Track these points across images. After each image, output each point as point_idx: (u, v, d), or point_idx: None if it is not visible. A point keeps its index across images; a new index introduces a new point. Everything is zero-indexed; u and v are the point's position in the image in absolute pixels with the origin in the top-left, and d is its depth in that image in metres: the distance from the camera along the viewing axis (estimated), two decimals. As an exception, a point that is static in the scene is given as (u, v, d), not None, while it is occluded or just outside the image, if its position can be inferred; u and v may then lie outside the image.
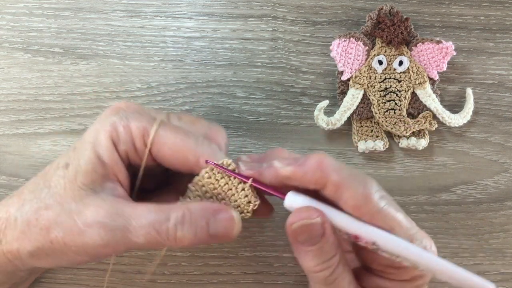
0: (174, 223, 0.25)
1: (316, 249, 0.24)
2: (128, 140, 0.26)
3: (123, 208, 0.25)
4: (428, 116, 0.36)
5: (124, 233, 0.24)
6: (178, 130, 0.27)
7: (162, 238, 0.25)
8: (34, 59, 0.38)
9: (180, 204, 0.26)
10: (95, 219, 0.24)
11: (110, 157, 0.26)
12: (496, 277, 0.35)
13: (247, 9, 0.38)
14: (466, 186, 0.36)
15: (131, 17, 0.38)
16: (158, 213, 0.25)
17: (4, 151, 0.37)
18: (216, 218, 0.25)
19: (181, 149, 0.26)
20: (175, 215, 0.25)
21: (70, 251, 0.25)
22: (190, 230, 0.25)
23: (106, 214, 0.25)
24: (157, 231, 0.25)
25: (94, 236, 0.24)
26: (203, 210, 0.25)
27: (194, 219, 0.25)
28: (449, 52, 0.35)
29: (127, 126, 0.26)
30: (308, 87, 0.37)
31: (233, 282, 0.36)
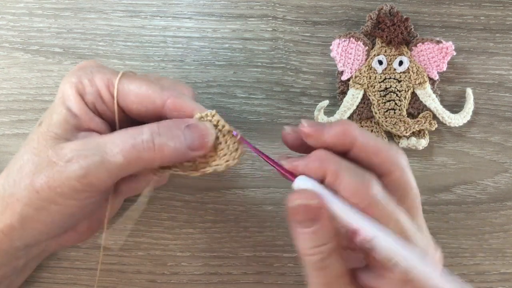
0: (149, 133, 0.26)
1: (310, 232, 0.24)
2: (94, 91, 0.27)
3: (97, 138, 0.26)
4: (428, 116, 0.36)
5: (101, 156, 0.25)
6: (142, 79, 0.28)
7: (139, 150, 0.25)
8: (34, 59, 0.38)
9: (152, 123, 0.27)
10: (72, 154, 0.25)
11: (79, 107, 0.27)
12: (496, 277, 0.35)
13: (247, 9, 0.38)
14: (466, 186, 0.36)
15: (131, 17, 0.38)
16: (132, 130, 0.26)
17: (4, 151, 0.37)
18: (190, 128, 0.27)
19: (146, 94, 0.27)
20: (149, 128, 0.26)
21: (57, 196, 0.25)
22: (166, 138, 0.26)
23: (82, 146, 0.26)
24: (133, 145, 0.25)
25: (74, 168, 0.25)
26: (175, 122, 0.27)
27: (168, 128, 0.26)
28: (449, 52, 0.35)
29: (92, 78, 0.27)
30: (308, 87, 0.37)
31: (233, 282, 0.36)
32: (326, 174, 0.24)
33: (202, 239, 0.36)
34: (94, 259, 0.36)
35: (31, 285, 0.35)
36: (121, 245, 0.36)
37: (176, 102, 0.27)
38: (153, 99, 0.27)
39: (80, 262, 0.36)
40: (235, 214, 0.36)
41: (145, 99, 0.27)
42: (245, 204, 0.36)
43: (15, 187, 0.26)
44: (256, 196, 0.36)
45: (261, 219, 0.36)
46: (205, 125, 0.27)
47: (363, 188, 0.23)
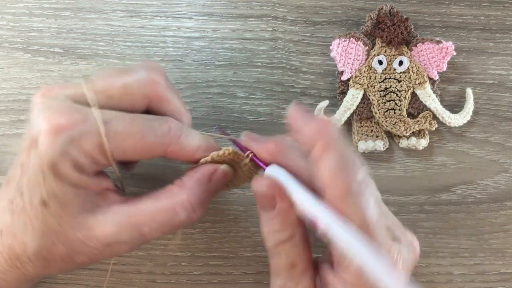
0: (185, 215, 0.26)
1: (267, 217, 0.26)
2: (90, 162, 0.24)
3: (128, 216, 0.25)
4: (428, 116, 0.36)
5: (141, 240, 0.26)
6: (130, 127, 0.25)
7: (178, 228, 0.26)
8: (34, 59, 0.38)
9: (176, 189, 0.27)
10: (110, 240, 0.25)
11: (81, 181, 0.24)
12: (496, 277, 0.35)
13: (247, 9, 0.38)
14: (466, 186, 0.36)
15: (131, 17, 0.38)
16: (164, 210, 0.26)
17: (4, 151, 0.37)
18: (213, 181, 0.27)
19: (144, 149, 0.25)
20: (181, 206, 0.26)
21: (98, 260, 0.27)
22: (200, 210, 0.27)
23: (117, 232, 0.25)
24: (171, 226, 0.26)
25: (116, 251, 0.26)
26: (200, 184, 0.27)
27: (198, 198, 0.26)
28: (449, 52, 0.35)
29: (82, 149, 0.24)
30: (308, 87, 0.37)
31: (233, 282, 0.36)
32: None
33: (202, 239, 0.36)
34: (94, 259, 0.36)
35: (31, 285, 0.35)
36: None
37: (177, 152, 0.26)
38: (152, 152, 0.26)
39: (80, 262, 0.36)
40: (235, 214, 0.36)
41: (144, 153, 0.26)
42: (245, 204, 0.36)
43: (49, 263, 0.26)
44: (256, 196, 0.36)
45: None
46: (225, 171, 0.28)
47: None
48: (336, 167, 0.23)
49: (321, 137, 0.23)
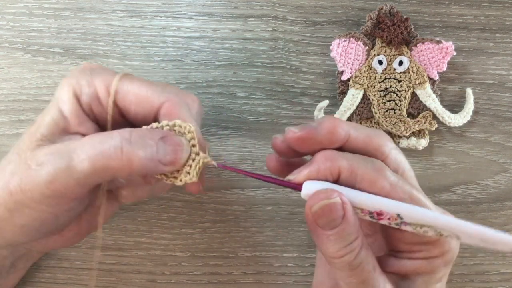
0: (119, 139, 0.24)
1: (337, 232, 0.23)
2: (91, 92, 0.26)
3: (70, 142, 0.25)
4: (428, 116, 0.36)
5: (67, 162, 0.24)
6: (144, 80, 0.27)
7: (107, 158, 0.23)
8: (34, 59, 0.38)
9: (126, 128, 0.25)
10: (44, 158, 0.24)
11: (71, 110, 0.26)
12: (496, 277, 0.35)
13: (247, 9, 0.38)
14: (466, 186, 0.36)
15: (131, 17, 0.38)
16: (103, 135, 0.24)
17: (4, 151, 0.37)
18: (165, 140, 0.25)
19: (145, 95, 0.26)
20: (120, 133, 0.24)
21: (29, 200, 0.24)
22: (137, 146, 0.24)
23: (53, 151, 0.24)
24: (101, 151, 0.24)
25: (42, 173, 0.24)
26: (151, 132, 0.25)
27: (141, 137, 0.24)
28: (449, 52, 0.35)
29: (91, 79, 0.26)
30: (308, 87, 0.37)
31: (233, 282, 0.36)
32: (340, 171, 0.24)
33: (202, 239, 0.36)
34: (94, 259, 0.36)
35: (31, 285, 0.35)
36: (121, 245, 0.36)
37: (172, 108, 0.26)
38: (151, 100, 0.26)
39: (80, 262, 0.36)
40: (235, 214, 0.36)
41: (144, 99, 0.26)
42: (245, 204, 0.36)
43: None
44: (256, 196, 0.36)
45: (261, 219, 0.36)
46: (181, 140, 0.26)
47: (379, 176, 0.23)
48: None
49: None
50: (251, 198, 0.36)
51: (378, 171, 0.23)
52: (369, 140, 0.25)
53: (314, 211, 0.23)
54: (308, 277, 0.36)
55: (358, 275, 0.23)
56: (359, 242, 0.23)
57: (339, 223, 0.23)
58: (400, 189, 0.23)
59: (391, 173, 0.24)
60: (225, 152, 0.29)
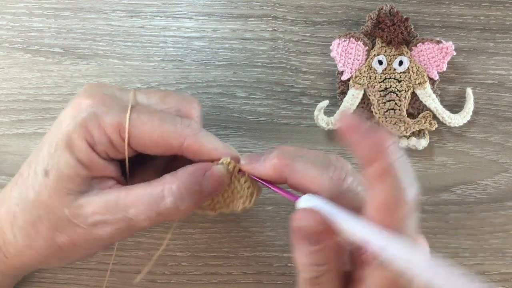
0: (173, 199, 0.25)
1: (310, 250, 0.23)
2: (105, 140, 0.26)
3: (117, 197, 0.25)
4: (428, 116, 0.36)
5: (127, 223, 0.25)
6: (152, 115, 0.26)
7: (164, 216, 0.25)
8: (34, 59, 0.38)
9: (169, 177, 0.26)
10: (95, 219, 0.25)
11: (90, 159, 0.25)
12: (496, 277, 0.35)
13: (247, 9, 0.38)
14: (466, 186, 0.36)
15: (131, 17, 0.38)
16: (153, 194, 0.25)
17: (4, 151, 0.37)
18: (206, 177, 0.26)
19: (160, 137, 0.26)
20: (170, 192, 0.25)
21: (81, 249, 0.26)
22: (188, 200, 0.25)
23: (104, 210, 0.25)
24: (157, 212, 0.25)
25: (100, 233, 0.25)
26: (192, 175, 0.26)
27: (188, 187, 0.25)
28: (449, 52, 0.35)
29: (100, 125, 0.25)
30: (308, 87, 0.37)
31: (233, 282, 0.36)
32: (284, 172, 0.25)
33: (202, 239, 0.36)
34: (94, 259, 0.36)
35: (31, 285, 0.35)
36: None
37: (193, 145, 0.26)
38: (168, 142, 0.26)
39: (80, 262, 0.36)
40: (235, 214, 0.36)
41: (160, 141, 0.26)
42: (245, 204, 0.36)
43: (31, 241, 0.26)
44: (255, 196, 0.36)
45: (261, 219, 0.36)
46: (219, 170, 0.27)
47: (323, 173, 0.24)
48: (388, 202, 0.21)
49: (380, 157, 0.21)
50: (251, 198, 0.36)
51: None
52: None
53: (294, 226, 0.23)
54: (308, 277, 0.36)
55: None
56: (326, 269, 0.23)
57: (312, 246, 0.23)
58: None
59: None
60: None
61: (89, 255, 0.28)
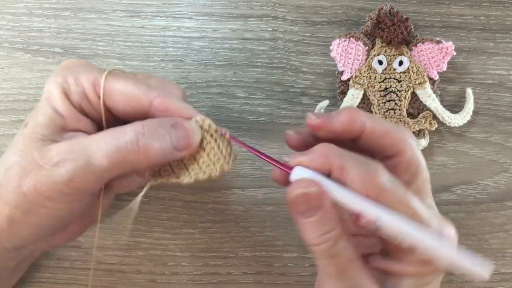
0: (134, 134, 0.25)
1: (314, 220, 0.24)
2: (79, 91, 0.27)
3: (82, 140, 0.25)
4: (428, 116, 0.36)
5: (86, 160, 0.24)
6: (129, 77, 0.27)
7: (124, 152, 0.25)
8: (34, 59, 0.38)
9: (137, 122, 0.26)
10: (58, 158, 0.25)
11: (65, 108, 0.26)
12: (496, 277, 0.35)
13: (247, 9, 0.38)
14: (466, 186, 0.36)
15: (131, 17, 0.38)
16: (115, 131, 0.25)
17: (4, 151, 0.37)
18: (176, 127, 0.26)
19: (133, 94, 0.27)
20: (133, 128, 0.25)
21: (45, 199, 0.25)
22: (151, 138, 0.25)
23: (67, 149, 0.25)
24: (117, 147, 0.25)
25: (60, 172, 0.24)
26: (160, 121, 0.26)
27: (153, 128, 0.25)
28: (449, 52, 0.35)
29: (77, 77, 0.27)
30: (308, 87, 0.37)
31: (233, 282, 0.36)
32: (332, 169, 0.24)
33: (202, 239, 0.36)
34: (94, 259, 0.36)
35: (31, 285, 0.35)
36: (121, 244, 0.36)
37: (163, 102, 0.27)
38: (140, 99, 0.27)
39: (80, 262, 0.36)
40: (235, 214, 0.36)
41: (132, 98, 0.27)
42: (245, 204, 0.36)
43: (2, 190, 0.25)
44: (256, 196, 0.36)
45: (261, 219, 0.36)
46: (190, 124, 0.27)
47: (371, 178, 0.23)
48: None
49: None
50: (251, 198, 0.36)
51: (370, 175, 0.23)
52: (385, 135, 0.25)
53: (292, 197, 0.24)
54: (308, 277, 0.36)
55: (335, 265, 0.24)
56: (337, 233, 0.24)
57: (316, 213, 0.24)
58: (390, 195, 0.23)
59: (386, 178, 0.23)
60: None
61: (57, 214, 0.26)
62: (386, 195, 0.23)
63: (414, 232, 0.23)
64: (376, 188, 0.23)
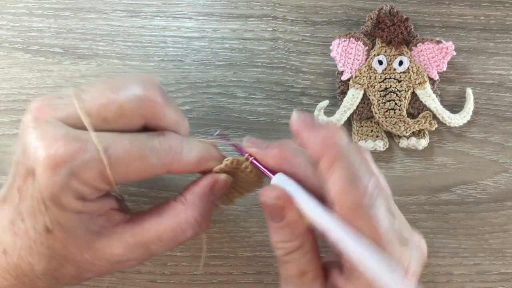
0: (191, 232, 0.26)
1: (276, 227, 0.25)
2: (92, 191, 0.24)
3: (134, 236, 0.25)
4: (428, 116, 0.36)
5: (149, 255, 0.26)
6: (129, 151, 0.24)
7: (184, 242, 0.27)
8: (34, 59, 0.38)
9: (181, 206, 0.27)
10: (118, 259, 0.25)
11: (85, 208, 0.24)
12: (496, 277, 0.35)
13: (247, 9, 0.38)
14: (466, 186, 0.36)
15: (131, 17, 0.38)
16: (172, 230, 0.26)
17: (4, 151, 0.37)
18: (214, 191, 0.27)
19: (145, 172, 0.25)
20: (186, 225, 0.26)
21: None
22: (205, 223, 0.27)
23: (124, 251, 0.25)
24: (179, 243, 0.26)
25: (124, 266, 0.26)
26: (202, 197, 0.27)
27: (203, 214, 0.27)
28: (449, 52, 0.36)
29: (83, 182, 0.23)
30: (308, 87, 0.37)
31: (233, 282, 0.36)
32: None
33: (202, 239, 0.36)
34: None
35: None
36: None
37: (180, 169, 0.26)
38: (155, 173, 0.25)
39: (80, 262, 0.36)
40: (235, 214, 0.36)
41: (147, 175, 0.25)
42: (245, 204, 0.36)
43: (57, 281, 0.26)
44: (256, 196, 0.36)
45: (261, 219, 0.36)
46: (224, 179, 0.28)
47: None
48: (344, 183, 0.22)
49: (327, 150, 0.23)
50: (251, 198, 0.36)
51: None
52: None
53: (259, 199, 0.25)
54: (308, 277, 0.36)
55: (283, 271, 0.26)
56: (294, 245, 0.25)
57: (279, 221, 0.25)
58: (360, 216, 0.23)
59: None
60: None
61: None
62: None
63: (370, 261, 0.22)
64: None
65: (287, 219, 0.24)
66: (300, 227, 0.25)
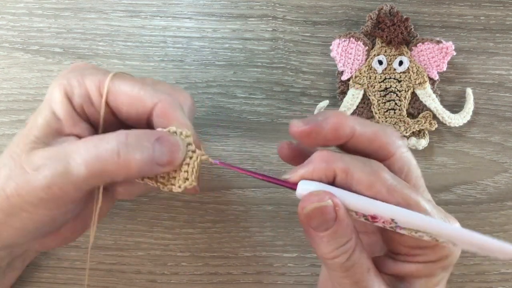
0: (115, 143, 0.24)
1: (330, 234, 0.23)
2: (83, 93, 0.26)
3: (65, 146, 0.24)
4: (428, 116, 0.36)
5: (64, 167, 0.23)
6: (136, 80, 0.27)
7: (103, 162, 0.23)
8: (34, 59, 0.38)
9: (122, 130, 0.25)
10: (40, 162, 0.24)
11: (64, 110, 0.26)
12: (496, 277, 0.35)
13: (247, 9, 0.38)
14: (466, 186, 0.36)
15: (131, 17, 0.38)
16: (97, 139, 0.24)
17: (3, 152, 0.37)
18: (160, 141, 0.24)
19: (137, 95, 0.26)
20: (115, 136, 0.24)
21: (26, 204, 0.24)
22: (134, 149, 0.24)
23: (50, 155, 0.24)
24: (97, 155, 0.23)
25: (39, 178, 0.23)
26: (146, 132, 0.25)
27: (137, 139, 0.24)
28: (449, 52, 0.35)
29: (82, 80, 0.26)
30: (308, 87, 0.37)
31: (233, 282, 0.36)
32: (336, 174, 0.23)
33: (202, 239, 0.36)
34: (94, 259, 0.36)
35: (31, 285, 0.35)
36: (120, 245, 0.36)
37: (163, 108, 0.26)
38: (144, 101, 0.26)
39: (80, 262, 0.36)
40: (235, 214, 0.36)
41: (136, 100, 0.26)
42: (245, 204, 0.36)
43: None
44: (256, 196, 0.36)
45: (261, 219, 0.36)
46: (177, 140, 0.25)
47: (376, 177, 0.23)
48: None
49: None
50: (251, 198, 0.36)
51: (375, 174, 0.23)
52: (374, 138, 0.24)
53: (306, 213, 0.23)
54: (308, 277, 0.36)
55: (351, 277, 0.23)
56: (352, 244, 0.23)
57: (331, 225, 0.23)
58: (397, 193, 0.23)
59: (389, 176, 0.23)
60: (225, 152, 0.29)
61: (40, 220, 0.25)
62: (393, 194, 0.23)
63: (433, 224, 0.22)
64: (382, 189, 0.23)
65: (339, 218, 0.23)
66: (350, 223, 0.23)
